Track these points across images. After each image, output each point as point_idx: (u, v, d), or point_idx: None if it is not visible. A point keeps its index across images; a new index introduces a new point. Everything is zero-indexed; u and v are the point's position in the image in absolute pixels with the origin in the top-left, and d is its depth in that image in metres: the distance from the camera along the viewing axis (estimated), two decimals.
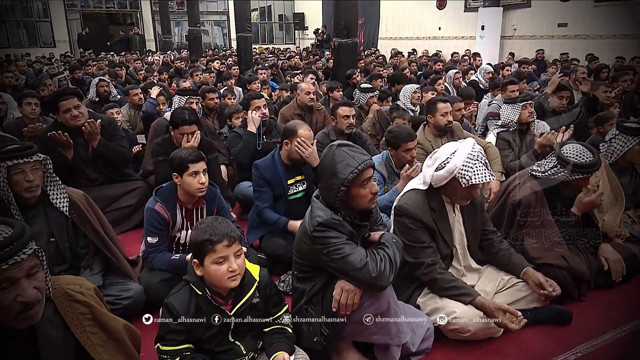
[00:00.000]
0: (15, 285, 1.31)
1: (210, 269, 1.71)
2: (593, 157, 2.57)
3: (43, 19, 18.93)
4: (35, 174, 2.32)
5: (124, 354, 1.62)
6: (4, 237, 1.30)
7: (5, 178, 2.27)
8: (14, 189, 2.30)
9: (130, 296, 2.47)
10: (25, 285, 1.32)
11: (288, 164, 3.06)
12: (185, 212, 2.67)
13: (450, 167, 2.19)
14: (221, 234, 1.71)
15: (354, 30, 6.52)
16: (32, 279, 1.35)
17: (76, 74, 8.53)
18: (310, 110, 4.99)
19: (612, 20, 10.49)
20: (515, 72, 7.99)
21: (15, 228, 1.35)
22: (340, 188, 1.89)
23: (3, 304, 1.30)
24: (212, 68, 9.30)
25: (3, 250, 1.28)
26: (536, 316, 2.40)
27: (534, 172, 2.73)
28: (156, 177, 3.67)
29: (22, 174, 2.28)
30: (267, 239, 3.08)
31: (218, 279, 1.73)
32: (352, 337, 2.05)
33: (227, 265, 1.71)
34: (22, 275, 1.32)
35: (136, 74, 9.67)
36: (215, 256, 1.70)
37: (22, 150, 2.29)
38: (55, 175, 2.45)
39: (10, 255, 1.28)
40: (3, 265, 1.27)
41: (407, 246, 2.27)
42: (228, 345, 1.83)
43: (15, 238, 1.31)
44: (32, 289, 1.34)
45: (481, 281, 2.45)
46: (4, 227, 1.35)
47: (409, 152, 3.16)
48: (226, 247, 1.71)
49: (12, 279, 1.30)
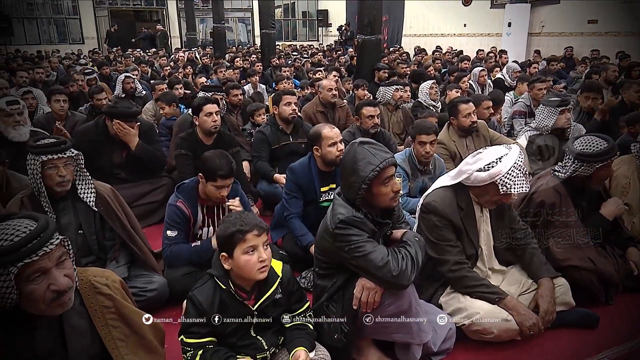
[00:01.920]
0: (47, 275, 1.35)
1: (241, 259, 1.73)
2: (607, 143, 2.53)
3: (72, 16, 19.40)
4: (67, 169, 2.38)
5: (145, 349, 1.65)
6: (30, 230, 1.34)
7: (40, 172, 2.33)
8: (46, 183, 2.36)
9: (154, 288, 2.52)
10: (56, 274, 1.36)
11: (323, 169, 3.03)
12: (206, 210, 2.69)
13: (494, 172, 2.16)
14: (251, 224, 1.74)
15: (377, 27, 6.48)
16: (62, 267, 1.39)
17: (104, 70, 8.71)
18: (333, 106, 4.98)
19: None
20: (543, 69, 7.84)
21: (40, 221, 1.38)
22: (361, 186, 1.89)
23: (37, 294, 1.34)
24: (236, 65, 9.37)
25: (32, 242, 1.32)
26: (562, 319, 2.34)
27: (557, 173, 2.68)
28: (178, 170, 3.74)
29: (55, 169, 2.35)
30: (288, 238, 3.09)
31: (248, 270, 1.74)
32: (373, 335, 2.05)
33: (257, 255, 1.73)
34: (52, 264, 1.36)
35: (162, 70, 9.81)
36: (246, 245, 1.72)
37: (56, 146, 2.35)
38: (85, 170, 2.52)
39: (40, 246, 1.32)
40: (34, 257, 1.31)
41: (432, 244, 2.26)
42: (250, 339, 1.85)
43: (42, 230, 1.34)
44: (63, 277, 1.38)
45: (505, 282, 2.41)
46: (28, 221, 1.39)
47: (423, 146, 3.13)
48: (256, 237, 1.73)
49: (44, 269, 1.34)
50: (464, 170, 2.28)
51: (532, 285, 2.37)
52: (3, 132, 3.58)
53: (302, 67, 10.47)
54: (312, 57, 11.68)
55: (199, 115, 3.64)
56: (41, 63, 10.11)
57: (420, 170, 3.29)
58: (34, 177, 2.35)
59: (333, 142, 2.92)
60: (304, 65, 10.45)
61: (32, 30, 18.77)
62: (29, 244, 1.31)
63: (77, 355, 1.51)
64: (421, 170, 3.29)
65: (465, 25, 14.88)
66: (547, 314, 2.21)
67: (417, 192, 3.31)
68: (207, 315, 1.76)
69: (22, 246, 1.30)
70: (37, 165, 2.32)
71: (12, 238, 1.31)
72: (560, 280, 2.37)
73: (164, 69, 9.47)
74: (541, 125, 3.85)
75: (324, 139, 2.91)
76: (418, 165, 3.27)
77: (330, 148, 2.92)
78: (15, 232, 1.32)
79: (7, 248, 1.29)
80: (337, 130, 2.99)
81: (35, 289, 1.34)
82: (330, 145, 2.92)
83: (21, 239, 1.31)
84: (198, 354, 1.74)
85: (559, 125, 3.79)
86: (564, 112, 3.77)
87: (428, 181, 3.31)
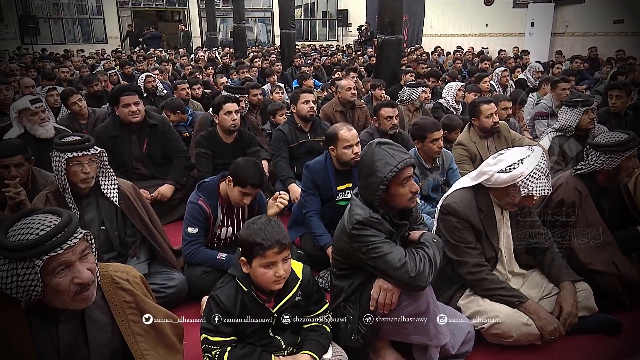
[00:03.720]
0: (71, 268, 1.38)
1: (258, 271, 1.74)
2: (628, 134, 2.53)
3: (97, 16, 19.76)
4: (91, 166, 2.43)
5: (164, 345, 1.67)
6: (55, 224, 1.37)
7: (64, 168, 2.38)
8: (70, 179, 2.41)
9: (174, 285, 2.56)
10: (79, 267, 1.40)
11: (339, 169, 3.03)
12: (226, 209, 2.71)
13: (516, 174, 2.14)
14: (273, 240, 1.70)
15: (398, 27, 6.43)
16: (85, 261, 1.43)
17: (126, 69, 8.85)
18: (352, 107, 4.98)
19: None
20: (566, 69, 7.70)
21: (63, 216, 1.42)
22: (379, 187, 1.88)
23: (62, 287, 1.38)
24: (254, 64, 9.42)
25: (56, 235, 1.35)
26: (584, 325, 2.30)
27: (579, 171, 2.63)
28: (197, 168, 3.79)
29: (80, 166, 2.40)
30: (306, 238, 3.10)
31: (264, 282, 1.75)
32: (390, 336, 2.04)
33: (274, 271, 1.73)
34: (76, 258, 1.39)
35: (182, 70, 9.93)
36: (265, 261, 1.72)
37: (81, 143, 2.40)
38: (109, 167, 2.57)
39: (64, 240, 1.36)
40: (58, 250, 1.34)
41: (452, 246, 2.24)
42: (269, 339, 1.86)
43: (65, 224, 1.38)
44: (86, 270, 1.41)
45: (525, 286, 2.38)
46: (52, 216, 1.42)
47: (436, 143, 3.11)
48: (276, 254, 1.71)
49: (68, 262, 1.37)
50: (484, 171, 2.26)
51: (554, 290, 2.33)
52: (30, 131, 3.67)
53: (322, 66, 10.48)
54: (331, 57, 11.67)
55: (219, 114, 3.68)
56: (65, 62, 10.33)
57: (428, 168, 3.27)
58: (59, 174, 2.40)
59: (349, 145, 2.89)
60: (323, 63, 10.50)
61: (57, 30, 19.20)
62: (53, 237, 1.34)
63: (98, 349, 1.54)
64: (429, 168, 3.27)
65: (487, 25, 14.69)
66: (569, 319, 2.18)
67: (429, 190, 3.28)
68: (230, 315, 1.77)
69: (47, 240, 1.33)
70: (62, 162, 2.37)
71: (37, 232, 1.34)
72: (583, 284, 2.33)
73: (185, 68, 9.58)
74: (564, 126, 3.76)
75: (340, 140, 2.90)
76: (425, 164, 3.24)
77: (346, 150, 2.91)
78: (41, 226, 1.36)
79: (32, 241, 1.32)
80: (354, 132, 2.96)
81: (59, 282, 1.37)
82: (346, 147, 2.90)
83: (46, 232, 1.34)
84: (226, 352, 1.75)
85: (582, 126, 3.71)
86: (588, 112, 3.68)
87: (439, 177, 3.29)
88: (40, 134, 3.67)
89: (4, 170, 2.76)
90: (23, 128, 3.70)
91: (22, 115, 3.67)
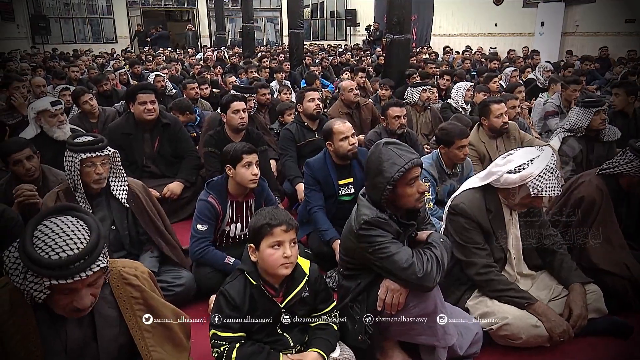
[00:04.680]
0: (75, 293, 1.36)
1: (266, 252, 1.76)
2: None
3: (106, 16, 19.91)
4: (104, 167, 2.43)
5: (171, 341, 1.68)
6: (79, 249, 1.31)
7: (78, 169, 2.38)
8: (83, 180, 2.42)
9: (182, 284, 2.58)
10: (83, 293, 1.37)
11: (338, 163, 3.06)
12: (235, 206, 2.73)
13: (525, 174, 2.13)
14: (280, 219, 1.77)
15: (407, 26, 6.40)
16: (93, 286, 1.40)
17: (135, 69, 8.90)
18: (358, 107, 4.97)
19: None
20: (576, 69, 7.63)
21: (91, 238, 1.35)
22: (386, 187, 1.87)
23: (59, 304, 1.37)
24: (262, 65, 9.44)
25: (74, 264, 1.30)
26: (593, 327, 2.28)
27: (604, 170, 2.60)
28: (206, 167, 3.81)
29: (93, 167, 2.40)
30: (314, 236, 3.10)
31: (272, 264, 1.76)
32: (398, 336, 2.04)
33: (282, 251, 1.75)
34: (83, 286, 1.36)
35: (192, 69, 9.97)
36: (272, 240, 1.75)
37: (94, 144, 2.40)
38: (121, 168, 2.57)
39: (81, 270, 1.31)
40: (69, 280, 1.30)
41: (460, 246, 2.23)
42: (276, 336, 1.87)
43: (87, 252, 1.32)
44: (88, 297, 1.38)
45: (534, 288, 2.36)
46: (83, 231, 1.36)
47: (462, 150, 3.09)
48: (284, 232, 1.76)
49: (74, 289, 1.35)
50: (493, 171, 2.25)
51: (563, 292, 2.31)
52: (47, 132, 3.69)
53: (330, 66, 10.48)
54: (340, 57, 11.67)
55: (227, 113, 3.70)
56: (76, 62, 10.42)
57: (448, 173, 3.25)
58: (72, 174, 2.41)
59: (344, 137, 2.95)
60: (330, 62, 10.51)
61: (68, 30, 19.40)
62: (72, 264, 1.29)
63: (107, 344, 1.55)
64: (449, 173, 3.25)
65: (497, 24, 14.60)
66: (579, 321, 2.16)
67: (445, 196, 3.26)
68: (239, 310, 1.79)
69: (64, 265, 1.28)
70: (75, 163, 2.37)
71: (60, 249, 1.29)
72: (593, 286, 2.31)
73: (194, 68, 9.61)
74: (575, 126, 3.73)
75: (335, 133, 2.95)
76: (446, 169, 3.22)
77: (342, 142, 2.95)
78: (67, 242, 1.31)
79: (48, 262, 1.27)
80: (348, 124, 3.01)
81: (58, 299, 1.36)
82: (342, 139, 2.95)
83: (67, 257, 1.29)
84: (235, 348, 1.76)
85: (593, 127, 3.67)
86: (599, 113, 3.64)
87: (456, 184, 3.26)
88: (57, 136, 3.68)
89: (19, 167, 2.79)
90: (40, 128, 3.71)
91: (41, 116, 3.67)
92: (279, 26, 22.49)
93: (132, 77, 8.24)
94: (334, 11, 23.52)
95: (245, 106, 3.77)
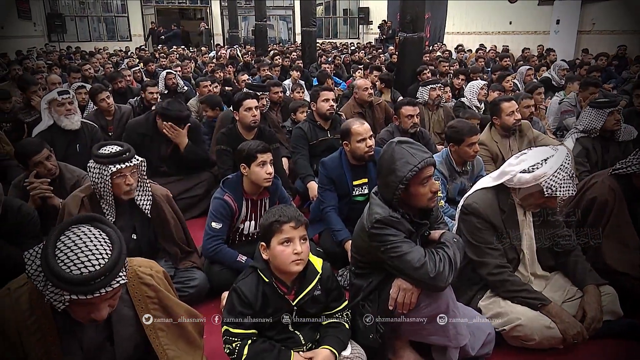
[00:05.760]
0: (93, 306, 1.37)
1: (276, 249, 1.77)
2: None
3: (121, 14, 20.12)
4: (133, 177, 2.37)
5: (185, 339, 1.69)
6: (99, 267, 1.30)
7: (110, 182, 2.31)
8: (114, 191, 2.36)
9: (195, 285, 2.59)
10: (101, 306, 1.38)
11: (354, 164, 3.05)
12: (250, 204, 2.74)
13: (539, 174, 2.10)
14: (289, 216, 1.78)
15: (420, 24, 6.36)
16: (110, 299, 1.40)
17: (149, 67, 8.97)
18: (371, 106, 4.96)
19: None
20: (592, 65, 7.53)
21: (112, 254, 1.35)
22: (398, 186, 1.86)
23: (77, 314, 1.39)
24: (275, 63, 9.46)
25: (94, 280, 1.30)
26: (608, 329, 2.25)
27: (617, 170, 2.56)
28: (218, 165, 3.83)
29: (123, 178, 2.33)
30: (325, 235, 3.11)
31: (283, 261, 1.77)
32: (409, 336, 2.03)
33: (292, 248, 1.76)
34: (102, 301, 1.37)
35: (205, 67, 10.01)
36: (282, 236, 1.76)
37: (123, 154, 2.32)
38: (146, 177, 2.51)
39: (97, 288, 1.30)
40: (88, 296, 1.30)
41: (472, 246, 2.22)
42: (288, 334, 1.88)
43: (108, 269, 1.32)
44: (105, 309, 1.39)
45: (548, 289, 2.33)
46: (105, 245, 1.36)
47: (472, 147, 3.07)
48: (293, 229, 1.77)
49: (92, 303, 1.36)
50: (507, 171, 2.23)
51: (577, 293, 2.29)
52: (56, 121, 3.82)
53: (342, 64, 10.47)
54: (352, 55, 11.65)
55: (239, 110, 3.71)
56: (90, 60, 10.54)
57: (458, 171, 3.23)
58: (101, 186, 2.33)
59: (362, 138, 2.94)
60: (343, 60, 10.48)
61: (83, 28, 19.65)
62: (92, 281, 1.29)
63: (123, 342, 1.57)
64: (459, 171, 3.23)
65: (511, 22, 14.44)
66: (593, 323, 2.13)
67: (455, 194, 3.25)
68: (251, 307, 1.79)
69: (84, 282, 1.28)
70: (106, 176, 2.30)
71: (84, 264, 1.29)
72: (608, 288, 2.28)
73: (207, 66, 9.66)
74: (589, 127, 3.69)
75: (353, 134, 2.94)
76: (456, 166, 3.20)
77: (359, 144, 2.94)
78: (89, 258, 1.31)
79: (70, 278, 1.28)
80: (367, 126, 3.00)
81: (76, 309, 1.37)
82: (360, 141, 2.94)
83: (88, 273, 1.29)
84: (246, 345, 1.77)
85: (608, 127, 3.63)
86: (613, 114, 3.60)
87: (467, 182, 3.25)
88: (65, 125, 3.81)
89: (40, 168, 2.85)
90: (52, 119, 3.85)
91: (51, 105, 3.84)
92: (291, 24, 22.51)
93: (145, 75, 8.31)
94: (347, 9, 23.47)
95: (257, 104, 3.78)
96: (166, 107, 3.74)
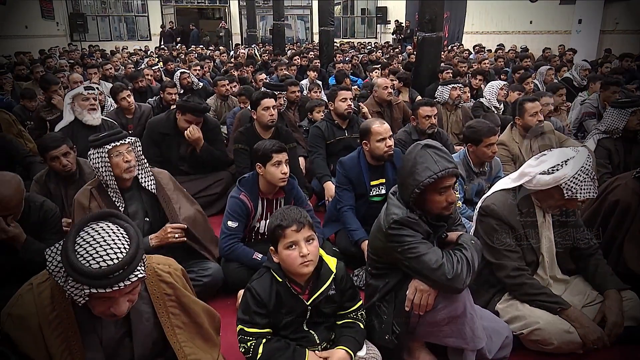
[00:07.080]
0: (112, 300, 1.38)
1: (283, 254, 1.77)
2: None
3: (141, 14, 20.40)
4: (130, 154, 2.47)
5: (202, 337, 1.70)
6: (119, 259, 1.33)
7: (108, 162, 2.42)
8: (114, 172, 2.45)
9: (209, 274, 2.61)
10: (120, 301, 1.39)
11: (372, 164, 3.05)
12: (266, 203, 2.75)
13: (559, 175, 2.07)
14: (290, 219, 1.76)
15: (439, 24, 6.31)
16: (130, 293, 1.42)
17: (168, 66, 9.08)
18: (389, 105, 4.94)
19: None
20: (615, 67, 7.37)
21: (130, 248, 1.37)
22: (414, 189, 1.85)
23: (97, 310, 1.41)
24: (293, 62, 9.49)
25: (113, 274, 1.32)
26: (629, 335, 2.19)
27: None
28: (235, 164, 3.85)
29: (121, 155, 2.43)
30: (341, 235, 3.11)
31: (291, 264, 1.77)
32: (425, 337, 2.02)
33: (297, 251, 1.75)
34: (121, 295, 1.38)
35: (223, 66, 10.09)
36: (286, 241, 1.75)
37: (115, 134, 2.46)
38: (142, 157, 2.60)
39: (116, 282, 1.32)
40: (108, 290, 1.32)
41: (490, 248, 2.19)
42: (302, 333, 1.88)
43: (127, 263, 1.34)
44: (125, 304, 1.41)
45: (568, 292, 2.30)
46: (123, 240, 1.37)
47: (490, 148, 3.03)
48: (295, 232, 1.75)
49: (112, 297, 1.37)
50: (526, 172, 2.19)
51: (598, 297, 2.24)
52: (78, 116, 3.91)
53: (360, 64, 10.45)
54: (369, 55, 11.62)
55: (257, 110, 3.73)
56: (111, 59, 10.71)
57: (476, 172, 3.20)
58: (103, 169, 2.42)
59: (382, 138, 2.93)
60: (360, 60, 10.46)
61: (104, 27, 20.02)
62: (111, 274, 1.31)
63: (141, 339, 1.58)
64: (477, 172, 3.20)
65: (532, 22, 14.25)
66: (615, 328, 2.09)
67: (473, 195, 3.22)
68: (265, 306, 1.80)
69: (102, 276, 1.30)
70: (103, 157, 2.41)
71: (103, 258, 1.31)
72: (629, 293, 2.23)
73: (226, 65, 9.73)
74: (611, 128, 3.62)
75: (373, 134, 2.93)
76: (474, 167, 3.17)
77: (379, 143, 2.93)
78: (108, 252, 1.33)
79: (89, 272, 1.30)
80: (387, 126, 2.98)
81: (96, 304, 1.39)
82: (379, 140, 2.93)
83: (107, 267, 1.31)
84: (261, 344, 1.78)
85: (630, 128, 3.55)
86: (636, 114, 3.52)
87: (484, 183, 3.21)
88: (86, 119, 3.89)
89: (56, 162, 2.91)
90: (73, 115, 3.92)
91: (75, 100, 3.92)
92: (309, 24, 22.56)
93: (165, 74, 8.41)
94: (365, 9, 23.42)
95: (275, 103, 3.79)
96: (185, 100, 3.88)
